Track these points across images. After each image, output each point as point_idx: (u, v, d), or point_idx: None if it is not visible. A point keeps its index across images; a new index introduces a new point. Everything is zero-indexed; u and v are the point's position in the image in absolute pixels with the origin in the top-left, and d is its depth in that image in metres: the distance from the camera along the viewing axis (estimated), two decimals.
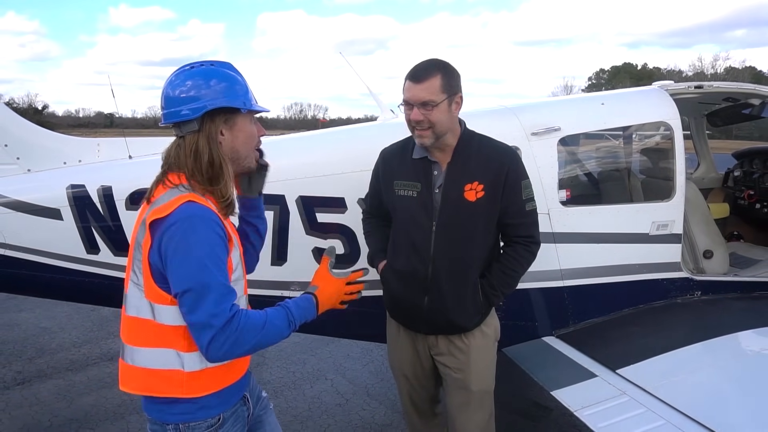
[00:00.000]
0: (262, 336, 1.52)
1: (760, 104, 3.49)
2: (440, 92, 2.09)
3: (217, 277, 1.48)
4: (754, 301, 3.07)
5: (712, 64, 72.53)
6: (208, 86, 1.58)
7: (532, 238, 2.27)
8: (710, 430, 1.83)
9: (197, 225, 1.49)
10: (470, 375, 2.32)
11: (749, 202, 4.29)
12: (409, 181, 2.28)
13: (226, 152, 1.62)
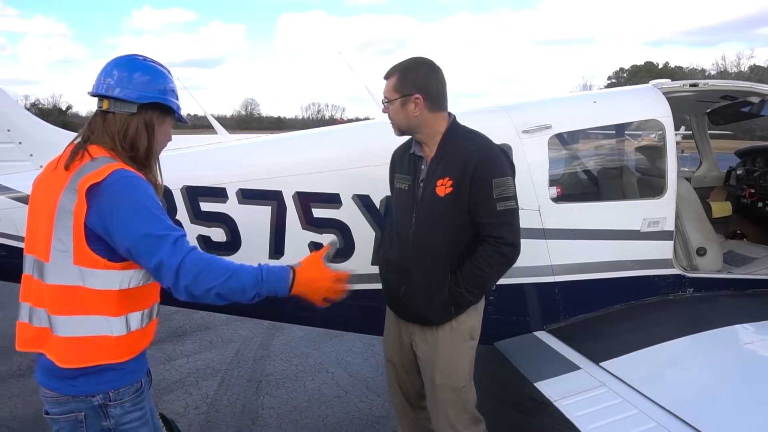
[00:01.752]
0: (227, 278, 1.54)
1: (759, 102, 3.48)
2: (393, 91, 2.29)
3: (168, 222, 1.58)
4: (747, 298, 3.08)
5: (736, 63, 71.05)
6: (164, 82, 1.74)
7: (502, 239, 2.21)
8: (683, 420, 1.87)
9: (135, 182, 1.59)
10: (435, 369, 2.39)
11: (751, 200, 4.28)
12: (404, 175, 2.43)
13: (152, 145, 1.74)
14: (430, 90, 2.27)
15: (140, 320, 1.70)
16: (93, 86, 1.71)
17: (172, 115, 1.79)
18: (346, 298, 2.98)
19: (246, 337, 5.16)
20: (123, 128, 1.67)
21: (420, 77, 2.26)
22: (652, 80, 3.43)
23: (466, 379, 2.40)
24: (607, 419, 1.98)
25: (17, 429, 3.51)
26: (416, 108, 2.26)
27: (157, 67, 1.77)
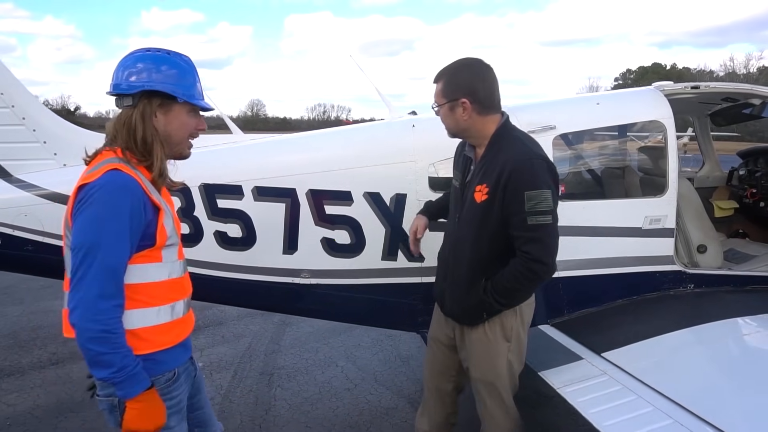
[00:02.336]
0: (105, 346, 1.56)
1: (760, 104, 3.56)
2: (441, 96, 2.26)
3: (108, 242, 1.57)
4: (746, 294, 3.17)
5: (745, 64, 70.62)
6: (157, 71, 1.71)
7: (529, 254, 2.09)
8: (680, 405, 1.97)
9: (113, 193, 1.60)
10: (471, 364, 2.43)
11: (753, 200, 4.35)
12: (458, 172, 2.46)
13: (161, 134, 1.74)
14: (477, 93, 2.21)
15: (157, 316, 1.75)
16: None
17: (175, 100, 1.74)
18: (359, 292, 3.11)
19: (257, 332, 5.29)
20: (125, 122, 1.72)
21: (466, 80, 2.22)
22: (656, 82, 3.53)
23: (501, 377, 2.38)
24: (607, 404, 2.09)
25: (41, 417, 3.66)
26: (464, 112, 2.22)
27: (150, 54, 1.76)
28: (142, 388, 1.64)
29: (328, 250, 3.12)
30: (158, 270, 1.75)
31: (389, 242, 3.09)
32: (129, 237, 1.62)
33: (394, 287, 3.13)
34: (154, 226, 1.71)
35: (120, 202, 1.61)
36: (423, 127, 3.24)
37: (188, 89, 1.78)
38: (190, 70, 1.82)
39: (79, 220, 1.61)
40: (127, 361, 1.60)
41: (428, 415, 2.72)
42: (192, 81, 1.81)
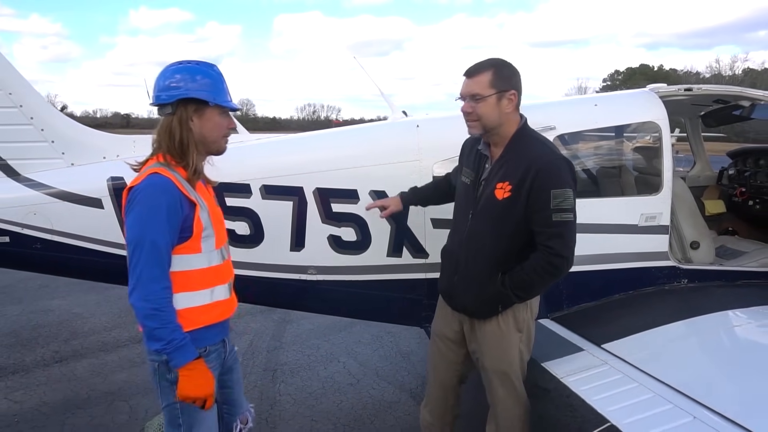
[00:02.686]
0: (157, 323, 1.81)
1: (749, 106, 3.70)
2: (488, 87, 2.26)
3: (151, 235, 1.81)
4: (737, 288, 3.29)
5: (730, 66, 71.66)
6: (192, 80, 1.93)
7: (552, 249, 2.19)
8: (677, 390, 2.07)
9: (152, 193, 1.85)
10: (484, 356, 2.50)
11: (742, 199, 4.50)
12: (469, 170, 2.51)
13: (196, 136, 1.96)
14: (521, 89, 2.33)
15: (197, 299, 1.97)
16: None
17: (207, 104, 1.94)
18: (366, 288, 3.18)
19: (258, 329, 5.35)
20: (166, 128, 1.95)
21: (514, 74, 2.32)
22: (649, 84, 3.65)
23: (513, 366, 2.48)
24: (610, 392, 2.18)
25: (48, 414, 3.70)
26: (509, 104, 2.29)
27: (184, 66, 1.99)
28: (190, 358, 1.87)
29: (334, 247, 3.19)
30: (198, 259, 1.97)
31: (394, 239, 3.18)
32: (169, 230, 1.86)
33: (399, 283, 3.22)
34: (191, 219, 1.93)
35: (158, 201, 1.85)
36: (427, 128, 3.33)
37: (218, 94, 1.98)
38: (218, 76, 2.02)
39: (128, 220, 1.88)
40: (176, 335, 1.84)
41: (433, 407, 2.81)
42: (221, 86, 2.01)
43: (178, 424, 2.00)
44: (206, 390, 1.91)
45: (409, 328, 5.24)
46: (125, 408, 3.76)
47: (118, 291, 6.37)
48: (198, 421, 2.00)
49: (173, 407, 1.98)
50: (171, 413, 2.00)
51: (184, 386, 1.87)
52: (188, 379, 1.87)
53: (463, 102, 2.35)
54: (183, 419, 1.99)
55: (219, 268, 2.05)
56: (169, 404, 1.99)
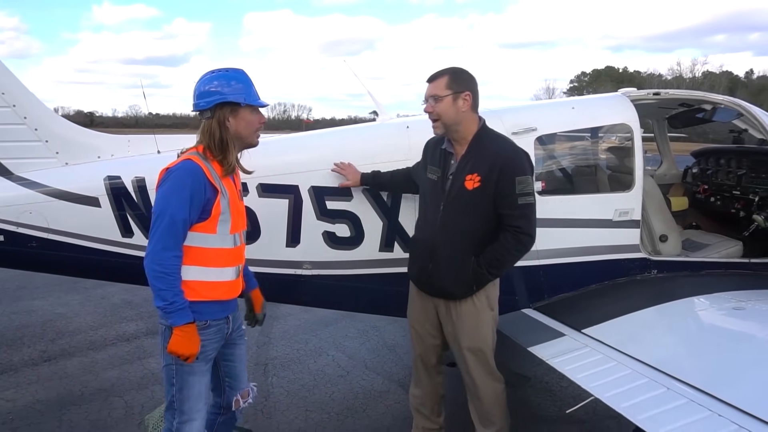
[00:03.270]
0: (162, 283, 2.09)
1: (711, 109, 4.01)
2: (445, 88, 2.63)
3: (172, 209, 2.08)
4: (701, 277, 3.57)
5: (691, 69, 74.27)
6: (225, 85, 2.22)
7: (520, 228, 2.56)
8: (650, 366, 2.30)
9: (181, 175, 2.13)
10: (459, 334, 2.78)
11: (705, 195, 4.82)
12: (435, 167, 2.80)
13: (233, 134, 2.24)
14: (475, 92, 2.68)
15: (207, 274, 2.23)
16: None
17: (239, 105, 2.23)
18: (359, 281, 3.37)
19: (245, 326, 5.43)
20: (207, 130, 2.25)
21: (468, 79, 2.68)
22: (614, 85, 3.90)
23: (488, 342, 2.79)
24: (591, 370, 2.40)
25: (43, 411, 3.73)
26: (464, 104, 2.63)
27: (218, 74, 2.27)
28: (185, 321, 2.12)
29: (329, 242, 3.33)
30: (213, 239, 2.23)
31: (386, 235, 3.33)
32: (189, 208, 2.12)
33: (391, 276, 3.37)
34: (212, 203, 2.19)
35: (184, 182, 2.13)
36: (416, 129, 3.50)
37: (249, 95, 2.27)
38: (247, 79, 2.31)
39: (157, 194, 2.19)
40: (177, 299, 2.10)
41: (421, 387, 3.11)
42: (248, 87, 2.28)
43: (172, 382, 2.26)
44: (191, 350, 2.14)
45: (394, 323, 5.43)
46: (120, 403, 3.82)
47: (100, 291, 6.38)
48: (189, 384, 2.25)
49: (170, 367, 2.25)
50: (168, 372, 2.26)
51: (174, 342, 2.12)
52: (179, 338, 2.12)
53: (426, 104, 2.71)
54: (176, 379, 2.25)
55: (231, 251, 2.29)
56: (167, 365, 2.26)
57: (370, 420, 3.68)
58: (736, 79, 73.56)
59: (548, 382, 4.26)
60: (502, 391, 2.88)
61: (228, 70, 2.29)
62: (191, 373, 2.23)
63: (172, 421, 2.30)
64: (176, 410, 2.27)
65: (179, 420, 2.27)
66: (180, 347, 2.12)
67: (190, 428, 2.27)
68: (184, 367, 2.21)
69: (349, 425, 3.60)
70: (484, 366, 2.82)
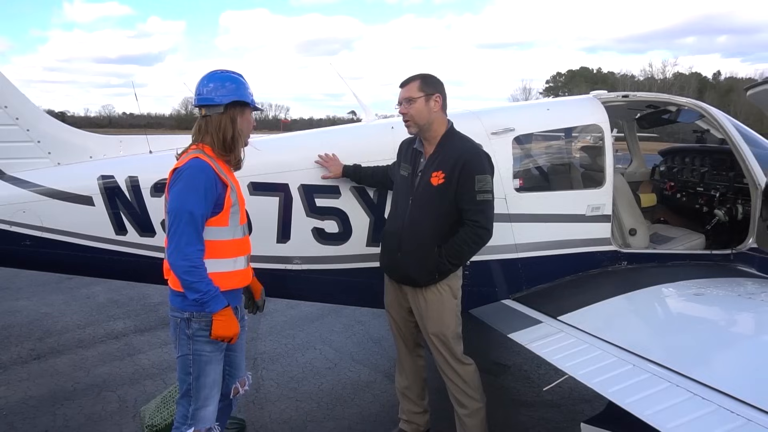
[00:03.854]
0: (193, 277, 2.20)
1: (676, 110, 4.28)
2: (418, 91, 2.87)
3: (189, 206, 2.18)
4: (667, 268, 3.82)
5: (662, 70, 76.12)
6: (238, 85, 2.38)
7: (478, 222, 2.81)
8: (619, 347, 2.51)
9: (193, 173, 2.23)
10: (427, 321, 3.01)
11: (672, 192, 5.11)
12: (406, 164, 3.04)
13: (238, 131, 2.37)
14: (444, 95, 2.93)
15: (223, 265, 2.36)
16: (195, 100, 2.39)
17: (248, 106, 2.42)
18: (348, 275, 3.54)
19: None
20: (217, 125, 2.36)
21: (438, 83, 2.93)
22: (589, 86, 4.13)
23: (451, 328, 3.00)
24: (566, 352, 2.60)
25: (37, 406, 3.79)
26: (436, 105, 2.88)
27: (223, 74, 2.42)
28: (223, 305, 2.27)
29: (318, 238, 3.48)
30: (226, 232, 2.37)
31: (373, 230, 3.49)
32: (204, 203, 2.25)
33: (379, 270, 3.54)
34: (223, 197, 2.33)
35: (197, 179, 2.24)
36: (400, 129, 3.65)
37: (252, 97, 2.46)
38: (242, 82, 2.44)
39: (171, 193, 2.27)
40: (210, 287, 2.23)
41: (405, 372, 3.34)
42: (250, 90, 2.45)
43: (188, 371, 2.36)
44: (233, 330, 2.31)
45: (378, 317, 5.60)
46: (114, 398, 3.90)
47: (85, 291, 6.41)
48: (206, 372, 2.36)
49: (187, 357, 2.35)
50: (184, 362, 2.37)
51: (217, 327, 2.25)
52: (221, 323, 2.25)
53: (400, 106, 2.94)
54: (193, 368, 2.35)
55: (241, 241, 2.45)
56: (183, 355, 2.36)
57: (359, 408, 3.83)
58: (705, 80, 75.61)
59: (527, 369, 4.47)
60: (471, 372, 3.08)
61: (234, 72, 2.44)
62: (208, 362, 2.35)
63: (187, 407, 2.40)
64: (192, 397, 2.37)
65: (195, 407, 2.37)
66: (224, 330, 2.26)
67: (206, 413, 2.39)
68: (201, 356, 2.33)
69: (338, 413, 3.76)
70: (449, 350, 3.03)
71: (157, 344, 4.91)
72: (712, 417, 1.78)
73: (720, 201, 4.40)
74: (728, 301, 3.04)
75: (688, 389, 1.97)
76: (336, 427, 3.58)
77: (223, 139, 2.35)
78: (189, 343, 2.32)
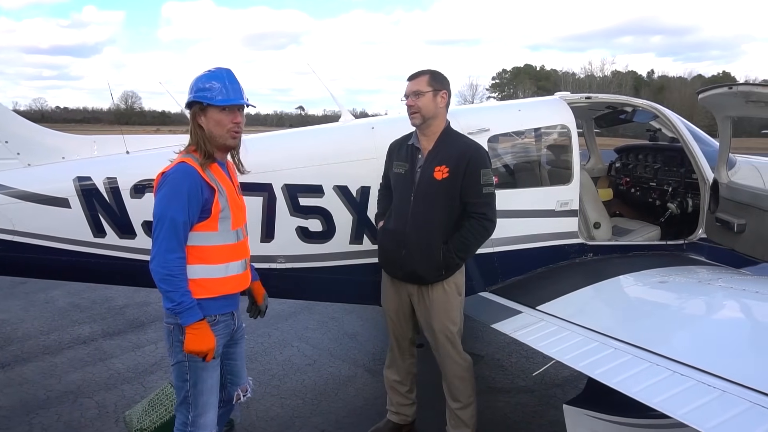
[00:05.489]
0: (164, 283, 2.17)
1: (632, 111, 4.59)
2: (426, 85, 2.94)
3: (172, 212, 2.15)
4: (630, 258, 4.10)
5: (601, 68, 79.37)
6: (195, 86, 2.30)
7: (485, 215, 2.92)
8: (595, 331, 2.71)
9: (177, 177, 2.19)
10: (432, 318, 3.09)
11: (627, 187, 5.45)
12: (402, 162, 3.08)
13: (207, 133, 2.28)
14: (450, 93, 3.03)
15: (212, 271, 2.31)
16: None
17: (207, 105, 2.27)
18: (331, 273, 3.62)
19: None
20: (190, 128, 2.34)
21: (446, 80, 3.01)
22: (559, 92, 4.37)
23: (458, 325, 3.12)
24: (549, 339, 2.77)
25: (10, 417, 3.66)
26: (442, 101, 2.96)
27: (199, 75, 2.34)
28: (195, 319, 2.20)
29: (302, 237, 3.53)
30: (215, 237, 2.31)
31: (356, 228, 3.58)
32: (188, 209, 2.19)
33: (361, 267, 3.62)
34: (211, 202, 2.27)
35: (180, 185, 2.19)
36: (380, 129, 3.76)
37: (215, 93, 2.28)
38: (225, 78, 2.32)
39: (156, 199, 2.22)
40: (185, 299, 2.18)
41: (396, 366, 3.42)
42: (219, 87, 2.29)
43: (185, 378, 2.32)
44: (207, 346, 2.23)
45: (351, 313, 5.69)
46: (92, 404, 3.81)
47: (42, 295, 6.17)
48: (202, 379, 2.34)
49: (182, 364, 2.31)
50: (180, 369, 2.32)
51: (189, 342, 2.20)
52: (193, 336, 2.20)
53: (407, 99, 2.97)
54: (190, 375, 2.31)
55: (235, 246, 2.39)
56: (179, 361, 2.31)
57: (343, 402, 3.91)
58: (640, 78, 79.51)
59: (499, 358, 4.69)
60: (469, 368, 3.21)
61: (213, 69, 2.35)
62: (204, 368, 2.31)
63: (186, 415, 2.36)
64: (190, 404, 2.33)
65: (194, 414, 2.34)
66: (195, 345, 2.20)
67: (205, 421, 2.36)
68: (197, 363, 2.27)
69: (324, 408, 3.82)
70: (454, 347, 3.14)
71: (128, 348, 4.80)
72: (691, 391, 1.99)
73: (672, 195, 4.75)
74: (691, 288, 3.33)
75: (668, 367, 2.18)
76: (323, 421, 3.65)
77: (196, 142, 2.30)
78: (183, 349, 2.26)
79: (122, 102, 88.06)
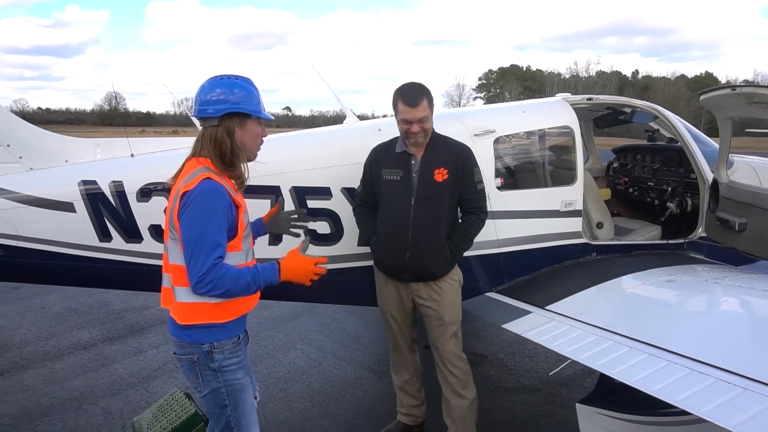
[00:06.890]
0: (234, 284, 2.00)
1: (630, 112, 4.64)
2: (427, 109, 3.00)
3: (211, 235, 1.98)
4: (632, 257, 4.16)
5: (586, 68, 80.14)
6: (231, 94, 2.13)
7: (481, 208, 3.16)
8: (609, 330, 2.74)
9: (209, 197, 2.01)
10: (443, 311, 3.16)
11: (625, 187, 5.52)
12: (393, 169, 3.11)
13: (239, 145, 2.15)
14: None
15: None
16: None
17: (249, 116, 2.16)
18: (339, 275, 3.63)
19: None
20: (211, 138, 2.14)
21: (430, 92, 3.09)
22: (561, 94, 4.41)
23: (461, 317, 3.24)
24: (563, 339, 2.80)
25: (14, 425, 3.60)
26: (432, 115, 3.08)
27: (224, 81, 2.18)
28: (275, 270, 2.11)
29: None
30: (239, 257, 2.18)
31: None
32: (224, 229, 2.06)
33: (369, 269, 3.63)
34: (236, 220, 2.13)
35: (216, 204, 2.03)
36: (387, 131, 3.77)
37: (256, 106, 2.20)
38: (255, 90, 2.23)
39: (185, 220, 2.02)
40: (248, 276, 2.03)
41: (405, 367, 3.47)
42: (257, 98, 2.23)
43: (224, 405, 2.18)
44: (307, 267, 2.18)
45: (353, 314, 5.69)
46: (97, 410, 3.77)
47: (38, 301, 6.08)
48: (241, 400, 2.21)
49: (218, 392, 2.16)
50: (216, 397, 2.18)
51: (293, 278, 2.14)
52: (291, 274, 2.13)
53: (408, 124, 2.98)
54: (229, 400, 2.18)
55: (251, 263, 2.23)
56: (214, 390, 2.16)
57: (352, 404, 3.91)
58: (624, 78, 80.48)
59: (503, 358, 4.71)
60: (467, 363, 3.34)
61: (237, 77, 2.20)
62: (242, 389, 2.21)
63: None
64: (233, 428, 2.23)
65: None
66: (296, 276, 2.14)
67: None
68: (234, 386, 2.18)
69: (332, 411, 3.82)
70: (459, 339, 3.26)
71: (130, 353, 4.75)
72: (712, 388, 2.02)
73: (671, 195, 4.81)
74: (699, 286, 3.38)
75: (686, 365, 2.21)
76: (333, 424, 3.64)
77: (221, 154, 2.12)
78: (217, 376, 2.14)
79: (106, 103, 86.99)
